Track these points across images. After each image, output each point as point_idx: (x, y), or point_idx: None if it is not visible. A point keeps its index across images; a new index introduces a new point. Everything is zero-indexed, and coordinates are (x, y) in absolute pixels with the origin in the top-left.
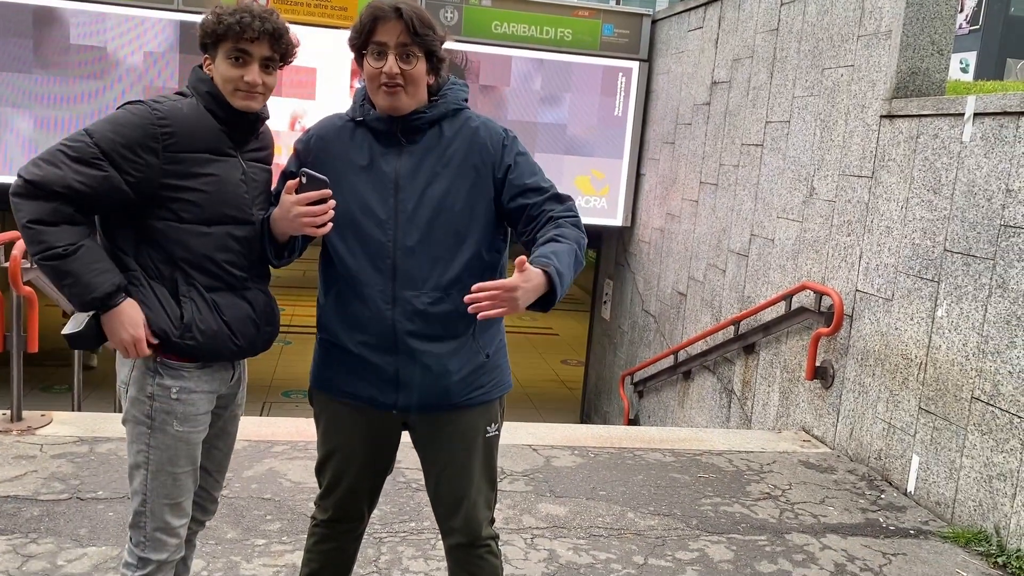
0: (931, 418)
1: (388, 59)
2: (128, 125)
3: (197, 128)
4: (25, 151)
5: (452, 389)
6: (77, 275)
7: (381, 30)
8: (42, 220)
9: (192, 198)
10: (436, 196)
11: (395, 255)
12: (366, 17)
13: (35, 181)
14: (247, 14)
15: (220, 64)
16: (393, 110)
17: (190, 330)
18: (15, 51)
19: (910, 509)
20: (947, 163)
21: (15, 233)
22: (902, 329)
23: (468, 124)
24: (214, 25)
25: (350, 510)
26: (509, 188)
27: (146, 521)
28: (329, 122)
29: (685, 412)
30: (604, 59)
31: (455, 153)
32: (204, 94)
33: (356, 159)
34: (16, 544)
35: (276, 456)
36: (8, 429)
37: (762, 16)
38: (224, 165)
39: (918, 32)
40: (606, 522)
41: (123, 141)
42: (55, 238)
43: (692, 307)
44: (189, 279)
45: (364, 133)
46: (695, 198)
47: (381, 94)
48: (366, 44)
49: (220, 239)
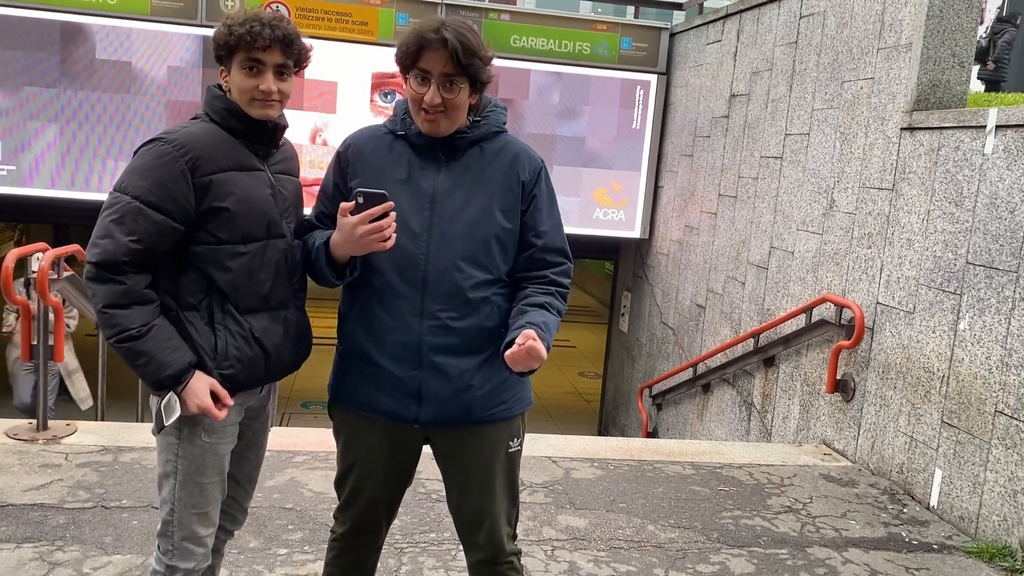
0: (954, 432)
1: (431, 88)
2: (153, 167)
3: (217, 147)
4: (51, 164)
5: (474, 404)
6: (151, 355)
7: (426, 57)
8: (115, 304)
9: (226, 217)
10: (471, 215)
11: (427, 269)
12: (412, 43)
13: (100, 261)
14: (257, 23)
15: (235, 75)
16: (431, 134)
17: (226, 358)
18: (42, 66)
19: (933, 524)
20: (969, 175)
21: (42, 244)
22: (924, 342)
23: (508, 148)
24: (225, 37)
25: (369, 523)
26: (530, 218)
27: (174, 530)
28: (368, 132)
29: (704, 425)
30: (622, 72)
31: (493, 175)
32: (221, 111)
33: (394, 171)
34: (43, 552)
35: (298, 466)
36: (34, 438)
37: (781, 29)
38: (252, 179)
39: (939, 45)
40: (626, 534)
41: (155, 184)
42: (128, 320)
43: (711, 319)
44: (225, 305)
45: (404, 146)
46: (714, 210)
47: (421, 119)
48: (410, 68)
49: (257, 257)
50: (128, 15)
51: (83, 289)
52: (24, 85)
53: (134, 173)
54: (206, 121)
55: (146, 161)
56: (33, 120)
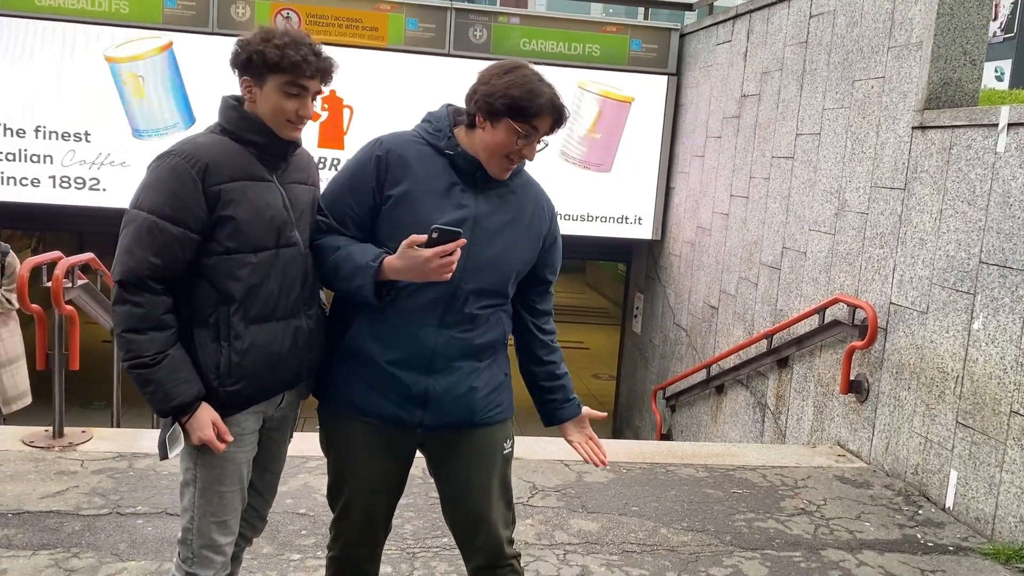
0: (969, 432)
1: (532, 146)
2: (165, 180)
3: (226, 158)
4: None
5: (476, 406)
6: (160, 384)
7: (541, 120)
8: (132, 328)
9: (235, 226)
10: (503, 244)
11: (456, 289)
12: (541, 107)
13: (123, 279)
14: (308, 50)
15: (271, 95)
16: (498, 178)
17: (231, 375)
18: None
19: (949, 525)
20: (981, 174)
21: (57, 254)
22: (938, 342)
23: (531, 187)
24: (276, 57)
25: (366, 536)
26: (549, 256)
27: (193, 538)
28: (407, 140)
29: (718, 427)
30: (632, 74)
31: (522, 210)
32: (236, 121)
33: (434, 187)
34: (58, 558)
35: (311, 471)
36: (50, 445)
37: (791, 29)
38: (262, 190)
39: (950, 42)
40: (639, 538)
41: (169, 197)
42: (143, 347)
43: (724, 321)
44: (232, 318)
45: (444, 165)
46: (726, 211)
47: (501, 166)
48: (522, 121)
49: (266, 266)
50: (140, 24)
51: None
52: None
53: (148, 189)
54: (217, 133)
55: (158, 175)
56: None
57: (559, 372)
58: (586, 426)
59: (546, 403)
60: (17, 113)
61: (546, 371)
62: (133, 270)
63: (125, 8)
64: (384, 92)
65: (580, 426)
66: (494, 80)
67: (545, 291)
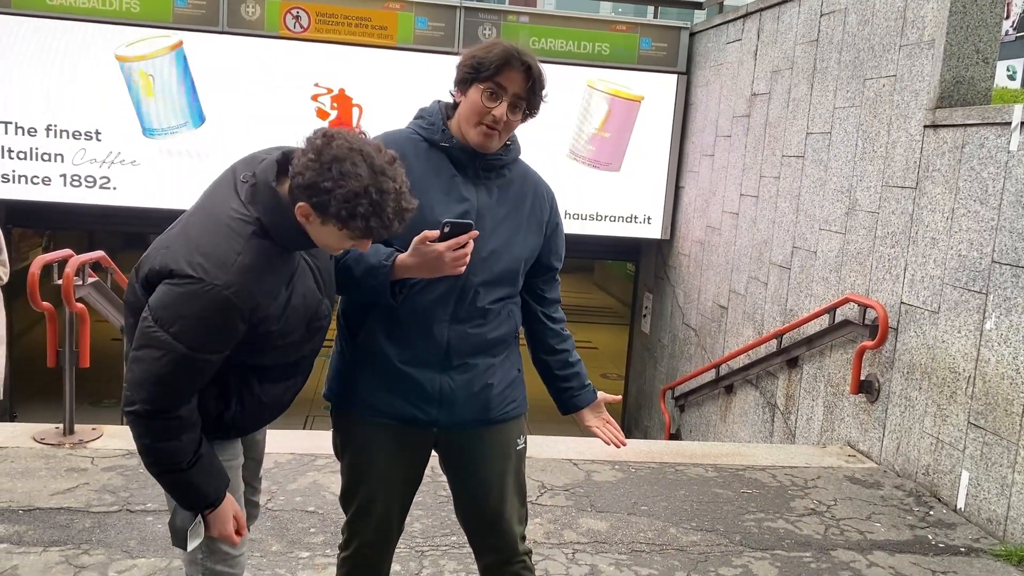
0: (981, 433)
1: (501, 105)
2: (211, 318)
3: (272, 275)
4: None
5: (492, 403)
6: (195, 486)
7: (506, 75)
8: (166, 438)
9: (272, 333)
10: (507, 234)
11: (465, 282)
12: (498, 57)
13: (150, 411)
14: (390, 216)
15: (329, 230)
16: (481, 148)
17: (233, 426)
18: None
19: (960, 526)
20: (994, 173)
21: (68, 252)
22: (949, 342)
23: (529, 176)
24: (338, 216)
25: (382, 535)
26: (552, 243)
27: (203, 557)
28: (402, 137)
29: (727, 426)
30: (642, 73)
31: (522, 199)
32: (283, 230)
33: (434, 182)
34: (69, 555)
35: (319, 469)
36: (61, 442)
37: (802, 27)
38: (298, 283)
39: (962, 41)
40: (648, 537)
41: (213, 335)
42: (180, 454)
43: (733, 320)
44: (247, 378)
45: (441, 157)
46: (735, 210)
47: (478, 131)
48: (484, 80)
49: (295, 346)
50: (151, 23)
51: (108, 295)
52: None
53: (186, 319)
54: (259, 235)
55: (200, 309)
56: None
57: (572, 360)
58: (602, 410)
59: (562, 391)
60: (28, 112)
61: (559, 360)
62: (165, 408)
63: (136, 7)
64: (393, 91)
65: (597, 411)
66: (464, 53)
67: (552, 279)
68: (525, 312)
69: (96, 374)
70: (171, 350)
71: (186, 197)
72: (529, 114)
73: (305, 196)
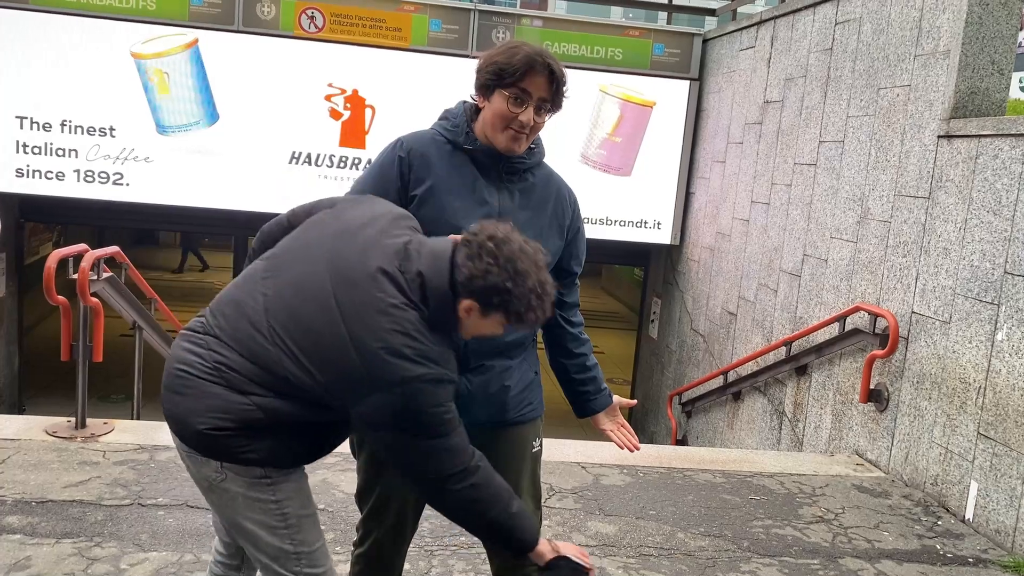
0: (990, 444)
1: (528, 109)
2: (437, 398)
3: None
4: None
5: (509, 404)
6: (521, 514)
7: (530, 80)
8: (488, 493)
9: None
10: (528, 236)
11: None
12: (520, 62)
13: (463, 469)
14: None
15: (483, 322)
16: (509, 152)
17: (300, 458)
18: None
19: (968, 537)
20: (1008, 184)
21: (83, 246)
22: (960, 352)
23: (552, 179)
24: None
25: (396, 533)
26: (573, 247)
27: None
28: (426, 137)
29: (735, 433)
30: (654, 78)
31: (544, 203)
32: (440, 309)
33: (458, 183)
34: (81, 547)
35: (329, 468)
36: (73, 436)
37: (816, 35)
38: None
39: (977, 51)
40: (656, 542)
41: (446, 408)
42: (498, 497)
43: (742, 327)
44: (341, 426)
45: (464, 159)
46: (746, 217)
47: (505, 135)
48: (508, 85)
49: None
50: (166, 20)
51: (122, 290)
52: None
53: (423, 414)
54: (426, 317)
55: (426, 397)
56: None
57: (589, 364)
58: (617, 414)
59: (579, 395)
60: (44, 107)
61: (577, 363)
62: (466, 460)
63: (152, 5)
64: (406, 92)
65: (612, 415)
66: (484, 57)
67: (572, 283)
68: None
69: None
70: (439, 428)
71: (198, 194)
72: (552, 112)
73: (479, 296)
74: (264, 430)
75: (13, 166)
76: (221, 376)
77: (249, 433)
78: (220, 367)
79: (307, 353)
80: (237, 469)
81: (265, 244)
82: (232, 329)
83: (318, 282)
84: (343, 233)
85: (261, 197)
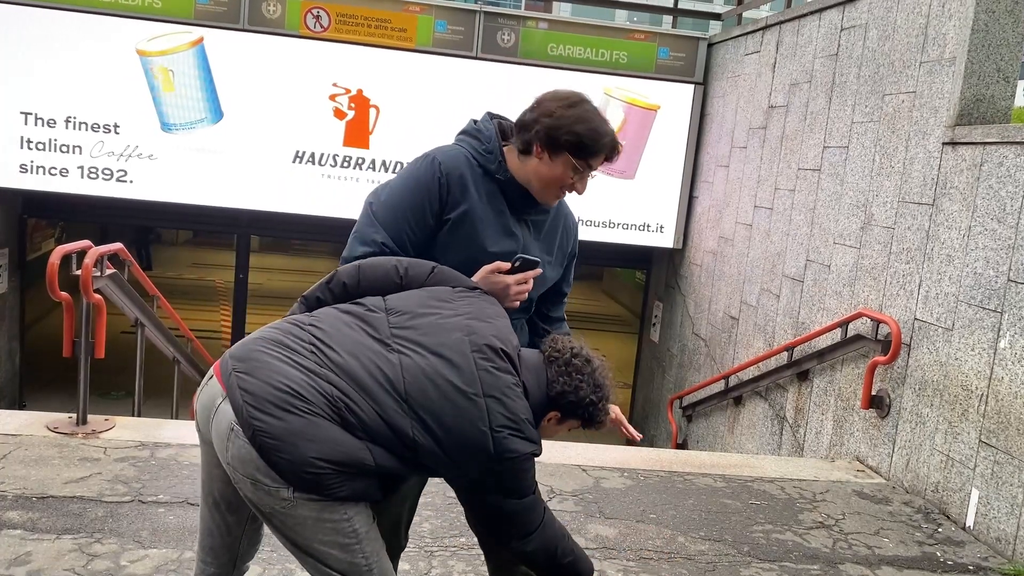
0: (992, 451)
1: (584, 180)
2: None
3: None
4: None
5: None
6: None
7: (597, 159)
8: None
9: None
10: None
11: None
12: (604, 147)
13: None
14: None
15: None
16: (545, 204)
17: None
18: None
19: (969, 544)
20: (1012, 192)
21: (87, 243)
22: (962, 360)
23: (561, 208)
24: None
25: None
26: (567, 271)
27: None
28: (461, 159)
29: (735, 438)
30: (659, 82)
31: (553, 233)
32: (536, 413)
33: (488, 212)
34: (82, 543)
35: None
36: (74, 432)
37: (821, 41)
38: None
39: (983, 59)
40: (656, 545)
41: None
42: (557, 538)
43: (744, 332)
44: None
45: (494, 190)
46: (749, 222)
47: (551, 194)
48: (580, 158)
49: None
50: (172, 18)
51: (125, 287)
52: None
53: (521, 431)
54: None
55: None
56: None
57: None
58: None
59: None
60: (48, 103)
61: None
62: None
63: (158, 3)
64: (411, 93)
65: None
66: (559, 112)
67: (560, 301)
68: (530, 329)
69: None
70: (530, 465)
71: (201, 192)
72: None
73: (564, 408)
74: (364, 475)
75: (17, 162)
76: (339, 415)
77: (350, 474)
78: (340, 407)
79: (443, 426)
80: (314, 498)
81: (369, 287)
82: (354, 371)
83: (460, 356)
84: (479, 315)
85: (264, 196)
